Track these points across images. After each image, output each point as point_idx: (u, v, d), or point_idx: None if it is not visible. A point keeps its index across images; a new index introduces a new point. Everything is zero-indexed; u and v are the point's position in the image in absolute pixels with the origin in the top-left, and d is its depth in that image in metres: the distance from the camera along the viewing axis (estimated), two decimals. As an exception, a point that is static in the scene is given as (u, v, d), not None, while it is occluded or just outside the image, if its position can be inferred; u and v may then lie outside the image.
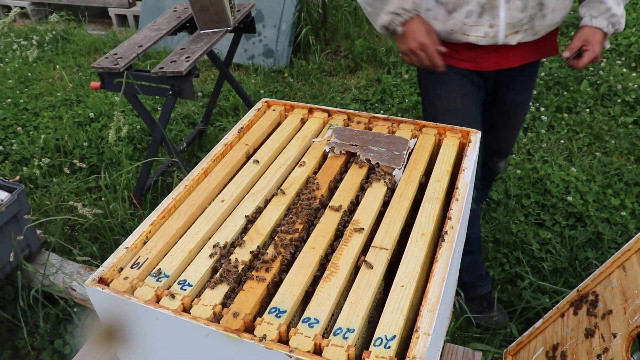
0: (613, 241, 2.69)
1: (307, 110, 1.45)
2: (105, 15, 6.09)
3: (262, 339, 0.85)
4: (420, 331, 0.85)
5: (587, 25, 1.80)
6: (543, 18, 1.79)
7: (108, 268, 1.01)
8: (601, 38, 1.79)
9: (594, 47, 1.79)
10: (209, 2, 2.84)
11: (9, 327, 2.38)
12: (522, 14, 1.76)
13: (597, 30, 1.79)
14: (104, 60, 2.78)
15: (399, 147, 1.26)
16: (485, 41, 1.81)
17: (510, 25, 1.78)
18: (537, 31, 1.82)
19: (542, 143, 3.52)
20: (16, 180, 3.15)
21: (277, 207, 1.13)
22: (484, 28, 1.79)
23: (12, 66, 4.95)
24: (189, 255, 1.03)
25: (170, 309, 0.91)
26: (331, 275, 0.96)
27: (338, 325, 0.87)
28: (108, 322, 1.03)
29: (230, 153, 1.32)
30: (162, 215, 1.12)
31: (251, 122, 1.42)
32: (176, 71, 2.67)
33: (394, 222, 1.07)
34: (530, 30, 1.81)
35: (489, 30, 1.79)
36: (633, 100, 3.81)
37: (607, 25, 1.78)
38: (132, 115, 3.98)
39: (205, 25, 2.95)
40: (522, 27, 1.79)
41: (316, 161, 1.27)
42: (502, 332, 2.34)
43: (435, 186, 1.16)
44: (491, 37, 1.80)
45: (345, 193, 1.16)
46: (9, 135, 3.86)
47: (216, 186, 1.21)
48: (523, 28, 1.80)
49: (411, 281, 0.94)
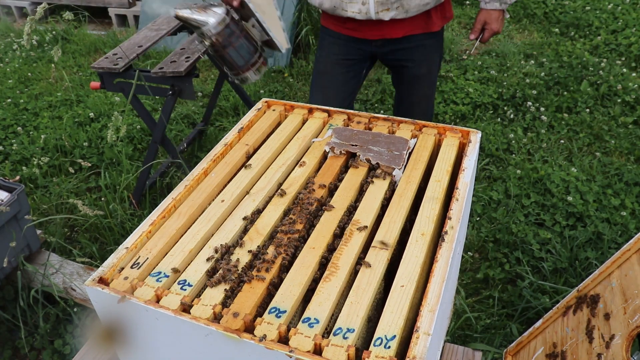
0: (613, 241, 2.69)
1: (307, 110, 1.45)
2: (105, 15, 6.09)
3: (262, 339, 0.85)
4: (420, 331, 0.85)
5: (483, 9, 2.17)
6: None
7: (108, 268, 1.01)
8: (498, 16, 2.14)
9: (492, 25, 2.17)
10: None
11: (9, 327, 2.38)
12: None
13: (492, 12, 2.14)
14: (104, 60, 2.78)
15: (399, 147, 1.25)
16: (361, 16, 2.05)
17: (378, 3, 2.00)
18: (407, 9, 2.03)
19: (542, 143, 3.52)
20: (16, 180, 3.15)
21: (277, 207, 1.13)
22: (357, 5, 2.03)
23: (12, 66, 4.95)
24: (189, 255, 1.03)
25: (170, 309, 0.91)
26: (331, 275, 0.96)
27: (338, 325, 0.87)
28: (108, 322, 1.03)
29: (230, 153, 1.32)
30: (162, 215, 1.12)
31: (251, 122, 1.42)
32: (176, 71, 2.67)
33: (394, 222, 1.07)
34: (401, 8, 2.02)
35: (362, 7, 2.03)
36: (633, 100, 3.81)
37: (499, 4, 2.12)
38: (132, 115, 3.98)
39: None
40: (392, 4, 2.01)
41: (316, 161, 1.27)
42: (502, 332, 2.34)
43: (435, 186, 1.16)
44: (364, 13, 2.04)
45: (345, 193, 1.16)
46: (9, 135, 3.86)
47: (216, 186, 1.21)
48: (394, 6, 2.01)
49: (411, 281, 0.94)
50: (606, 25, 4.80)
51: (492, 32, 2.19)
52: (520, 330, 2.32)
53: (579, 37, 4.76)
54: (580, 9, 5.10)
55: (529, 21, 5.15)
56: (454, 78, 4.28)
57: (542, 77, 4.16)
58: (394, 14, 2.04)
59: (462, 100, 4.01)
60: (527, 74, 4.25)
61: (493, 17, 2.15)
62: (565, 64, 4.30)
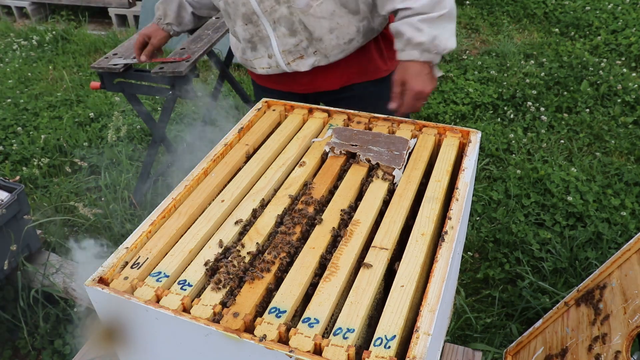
0: (613, 241, 2.69)
1: (307, 110, 1.45)
2: (105, 15, 6.08)
3: (262, 339, 0.85)
4: (420, 331, 0.85)
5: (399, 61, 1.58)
6: (321, 41, 1.65)
7: (108, 268, 1.01)
8: (418, 69, 1.54)
9: (413, 83, 1.54)
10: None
11: (9, 327, 2.38)
12: (294, 39, 1.65)
13: (409, 64, 1.55)
14: (104, 60, 2.78)
15: (399, 147, 1.25)
16: (272, 71, 1.76)
17: (286, 53, 1.68)
18: (326, 53, 1.68)
19: (542, 143, 3.51)
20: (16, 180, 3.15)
21: (277, 207, 1.13)
22: (264, 59, 1.74)
23: (12, 66, 4.95)
24: (189, 255, 1.03)
25: (171, 309, 0.91)
26: (331, 275, 0.96)
27: (338, 325, 0.87)
28: (108, 322, 1.03)
29: (230, 153, 1.32)
30: (162, 215, 1.12)
31: (251, 122, 1.42)
32: (176, 71, 2.67)
33: (394, 222, 1.07)
34: (318, 53, 1.68)
35: (270, 61, 1.73)
36: (633, 100, 3.81)
37: (420, 54, 1.53)
38: (132, 115, 3.98)
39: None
40: (305, 50, 1.67)
41: (316, 161, 1.27)
42: (502, 332, 2.34)
43: (435, 186, 1.16)
44: (275, 66, 1.73)
45: (345, 193, 1.16)
46: (9, 135, 3.86)
47: (216, 186, 1.21)
48: (308, 52, 1.67)
49: (411, 281, 0.94)
50: (606, 25, 4.80)
51: (415, 93, 1.54)
52: (520, 330, 2.32)
53: (579, 37, 4.76)
54: (580, 9, 5.09)
55: (529, 21, 5.15)
56: (454, 78, 4.28)
57: (542, 77, 4.16)
58: (313, 61, 1.69)
59: (462, 100, 4.01)
60: (527, 74, 4.25)
61: (412, 72, 1.54)
62: (565, 64, 4.29)
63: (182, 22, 2.04)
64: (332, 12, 1.60)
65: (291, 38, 1.65)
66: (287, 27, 1.62)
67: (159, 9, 2.02)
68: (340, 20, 1.63)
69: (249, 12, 1.63)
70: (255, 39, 1.70)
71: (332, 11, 1.60)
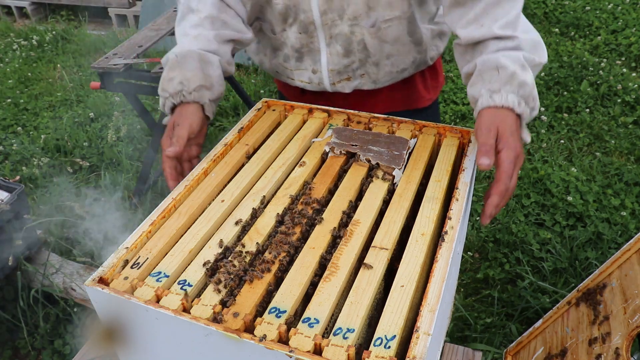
0: (613, 241, 2.69)
1: (307, 110, 1.45)
2: (105, 15, 6.08)
3: (262, 339, 0.85)
4: (420, 331, 0.85)
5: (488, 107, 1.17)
6: (375, 66, 1.51)
7: (108, 268, 1.01)
8: (514, 122, 1.15)
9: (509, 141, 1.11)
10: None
11: (9, 327, 2.38)
12: (347, 59, 1.50)
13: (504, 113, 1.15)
14: (103, 60, 2.78)
15: (399, 147, 1.26)
16: (312, 87, 1.57)
17: (334, 72, 1.52)
18: (375, 79, 1.53)
19: (542, 143, 3.52)
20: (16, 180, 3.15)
21: (277, 207, 1.13)
22: (307, 73, 1.56)
23: (12, 66, 4.95)
24: (189, 255, 1.03)
25: (170, 309, 0.91)
26: (331, 275, 0.96)
27: (338, 325, 0.87)
28: (108, 322, 1.03)
29: (230, 153, 1.32)
30: (162, 215, 1.12)
31: (251, 122, 1.42)
32: (176, 71, 2.66)
33: (394, 222, 1.07)
34: (367, 77, 1.53)
35: (313, 76, 1.55)
36: (633, 100, 3.81)
37: (517, 102, 1.15)
38: (132, 115, 3.98)
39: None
40: (354, 72, 1.52)
41: (316, 161, 1.27)
42: (502, 332, 2.34)
43: (435, 186, 1.16)
44: (317, 83, 1.55)
45: (345, 193, 1.16)
46: (9, 135, 3.86)
47: (216, 186, 1.21)
48: (356, 74, 1.53)
49: (411, 281, 0.94)
50: (606, 25, 4.80)
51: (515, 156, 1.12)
52: (520, 330, 2.32)
53: (579, 37, 4.77)
54: (580, 9, 5.10)
55: (529, 21, 5.15)
56: (454, 78, 4.28)
57: (542, 77, 4.16)
58: (358, 83, 1.55)
59: (462, 100, 4.01)
60: (527, 74, 4.25)
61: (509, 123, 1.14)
62: (565, 64, 4.30)
63: (212, 83, 1.38)
64: (397, 38, 1.46)
65: (344, 58, 1.50)
66: (343, 46, 1.47)
67: (172, 78, 1.34)
68: (402, 48, 1.49)
69: (307, 22, 1.45)
70: (305, 49, 1.52)
71: (397, 37, 1.46)
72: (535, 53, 1.21)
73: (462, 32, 1.25)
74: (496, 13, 1.20)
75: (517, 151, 1.12)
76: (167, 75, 1.35)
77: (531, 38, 1.22)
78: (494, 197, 1.11)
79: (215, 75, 1.37)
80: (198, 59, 1.34)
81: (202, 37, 1.38)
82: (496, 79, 1.16)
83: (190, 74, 1.33)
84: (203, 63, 1.35)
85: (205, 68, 1.35)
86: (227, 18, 1.42)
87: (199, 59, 1.34)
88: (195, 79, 1.33)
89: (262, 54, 1.65)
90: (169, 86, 1.34)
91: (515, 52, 1.18)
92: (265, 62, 1.65)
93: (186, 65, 1.33)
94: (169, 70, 1.35)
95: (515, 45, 1.19)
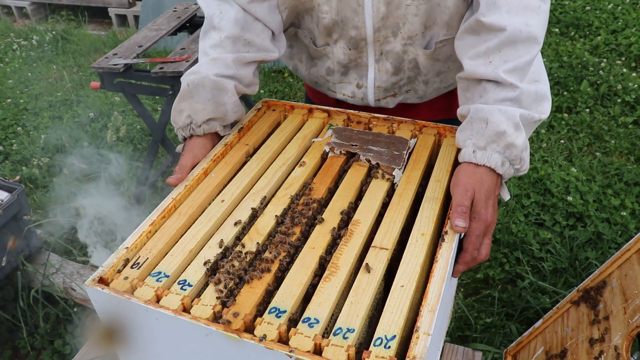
0: (613, 241, 2.69)
1: (307, 110, 1.45)
2: (105, 15, 6.08)
3: (262, 339, 0.85)
4: (420, 331, 0.85)
5: (468, 163, 1.14)
6: (425, 84, 1.44)
7: (108, 268, 1.01)
8: (492, 185, 1.12)
9: (481, 212, 1.09)
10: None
11: (9, 327, 2.38)
12: (395, 77, 1.43)
13: (485, 173, 1.11)
14: (103, 60, 2.78)
15: (399, 147, 1.26)
16: (354, 101, 1.50)
17: (381, 89, 1.45)
18: (422, 95, 1.48)
19: (542, 143, 3.52)
20: (16, 180, 3.15)
21: (277, 207, 1.13)
22: (351, 87, 1.48)
23: (12, 66, 4.95)
24: (189, 255, 1.03)
25: (171, 309, 0.91)
26: (331, 275, 0.96)
27: (338, 325, 0.87)
28: (108, 322, 1.03)
29: (230, 153, 1.32)
30: (162, 215, 1.12)
31: (251, 122, 1.42)
32: (176, 71, 2.67)
33: (394, 222, 1.07)
34: (413, 92, 1.47)
35: (357, 91, 1.47)
36: (633, 100, 3.81)
37: (501, 162, 1.12)
38: (132, 115, 3.98)
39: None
40: (401, 89, 1.46)
41: (316, 161, 1.27)
42: (502, 332, 2.34)
43: (435, 186, 1.16)
44: (360, 98, 1.48)
45: (345, 193, 1.16)
46: (9, 135, 3.86)
47: (216, 186, 1.21)
48: (402, 90, 1.47)
49: (411, 281, 0.94)
50: (606, 25, 4.80)
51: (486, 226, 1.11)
52: (520, 330, 2.32)
53: (579, 37, 4.77)
54: (580, 9, 5.10)
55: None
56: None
57: (542, 77, 4.16)
58: (402, 98, 1.49)
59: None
60: (527, 74, 4.25)
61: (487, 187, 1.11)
62: (565, 64, 4.30)
63: (226, 111, 1.33)
64: (449, 56, 1.38)
65: (393, 76, 1.42)
66: (392, 64, 1.40)
67: (182, 111, 1.31)
68: (452, 65, 1.41)
69: (358, 38, 1.35)
70: (352, 64, 1.44)
71: (450, 55, 1.38)
72: (536, 108, 1.15)
73: (468, 63, 1.18)
74: (508, 53, 1.13)
75: (488, 222, 1.10)
76: (177, 106, 1.31)
77: (536, 90, 1.14)
78: (459, 265, 1.13)
79: (229, 102, 1.32)
80: (211, 88, 1.29)
81: (219, 61, 1.31)
82: (484, 133, 1.11)
83: (200, 106, 1.28)
84: (216, 91, 1.29)
85: (218, 96, 1.30)
86: (251, 37, 1.33)
87: (212, 87, 1.29)
88: (204, 112, 1.29)
89: (297, 59, 1.56)
90: (178, 119, 1.32)
91: (512, 108, 1.11)
92: (302, 70, 1.56)
93: (197, 95, 1.28)
94: (180, 101, 1.30)
95: (516, 96, 1.12)
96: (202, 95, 1.28)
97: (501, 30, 1.12)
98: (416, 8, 1.27)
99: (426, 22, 1.31)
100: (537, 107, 1.14)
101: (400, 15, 1.28)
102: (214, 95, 1.29)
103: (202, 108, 1.28)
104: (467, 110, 1.18)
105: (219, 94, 1.30)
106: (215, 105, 1.29)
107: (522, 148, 1.12)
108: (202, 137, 1.32)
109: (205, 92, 1.28)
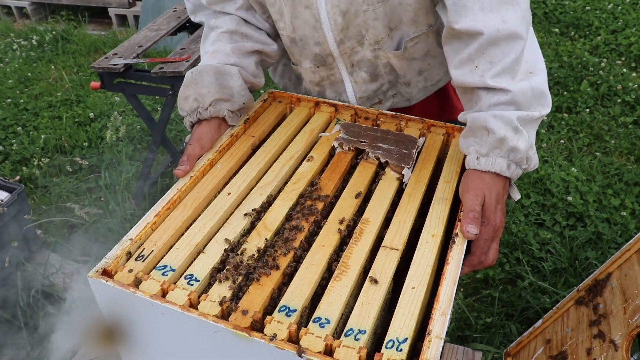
0: (613, 241, 2.69)
1: (314, 104, 1.43)
2: (105, 15, 6.07)
3: (273, 338, 0.83)
4: (432, 334, 0.84)
5: (474, 170, 1.13)
6: (407, 85, 1.42)
7: (112, 259, 0.98)
8: (501, 189, 1.12)
9: (490, 216, 1.10)
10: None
11: (9, 327, 2.37)
12: (375, 84, 1.41)
13: (492, 178, 1.11)
14: (104, 60, 2.77)
15: (408, 146, 1.24)
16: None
17: (364, 99, 1.43)
18: (409, 97, 1.46)
19: (542, 143, 3.52)
20: (16, 180, 3.14)
21: (286, 203, 1.11)
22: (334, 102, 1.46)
23: (12, 66, 4.94)
24: (195, 249, 1.01)
25: (178, 304, 0.89)
26: (341, 275, 0.94)
27: (349, 326, 0.85)
28: (110, 317, 1.01)
29: (236, 144, 1.29)
30: (167, 207, 1.09)
31: (257, 114, 1.40)
32: (176, 71, 2.66)
33: (403, 222, 1.06)
34: (399, 96, 1.45)
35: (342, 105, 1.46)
36: (633, 100, 3.82)
37: (507, 165, 1.11)
38: (132, 115, 3.97)
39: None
40: (385, 94, 1.44)
41: (324, 156, 1.25)
42: (502, 332, 2.34)
43: (444, 187, 1.15)
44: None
45: (354, 190, 1.15)
46: (9, 135, 3.85)
47: (222, 178, 1.18)
48: (387, 95, 1.44)
49: (422, 283, 0.93)
50: (606, 25, 4.80)
51: (496, 230, 1.11)
52: (520, 330, 2.32)
53: (579, 37, 4.77)
54: (580, 9, 5.10)
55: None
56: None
57: (541, 77, 4.17)
58: (391, 104, 1.47)
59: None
60: (526, 74, 4.25)
61: (496, 192, 1.11)
62: (565, 64, 4.30)
63: (232, 94, 1.33)
64: (426, 52, 1.36)
65: (372, 84, 1.40)
66: (368, 72, 1.37)
67: (187, 97, 1.31)
68: (433, 61, 1.39)
69: (323, 54, 1.34)
70: (326, 82, 1.42)
71: (426, 51, 1.35)
72: (535, 106, 1.11)
73: (454, 72, 1.15)
74: (493, 54, 1.08)
75: (497, 226, 1.10)
76: (182, 93, 1.32)
77: (531, 87, 1.10)
78: (466, 268, 1.12)
79: (235, 85, 1.32)
80: (214, 72, 1.30)
81: (219, 52, 1.34)
82: (485, 140, 1.11)
83: (205, 89, 1.29)
84: (219, 75, 1.31)
85: (222, 80, 1.30)
86: (248, 31, 1.37)
87: (214, 72, 1.30)
88: (210, 94, 1.29)
89: (286, 78, 1.58)
90: (185, 105, 1.32)
91: (508, 112, 1.08)
92: (290, 89, 1.59)
93: (201, 81, 1.29)
94: (185, 88, 1.31)
95: (509, 100, 1.09)
96: (206, 80, 1.29)
97: (478, 34, 1.08)
98: (374, 12, 1.24)
99: (389, 23, 1.28)
100: (535, 105, 1.11)
101: (360, 22, 1.26)
102: (217, 79, 1.30)
103: (207, 91, 1.29)
104: (465, 118, 1.17)
105: (222, 77, 1.31)
106: (220, 87, 1.30)
107: (526, 149, 1.10)
108: (210, 124, 1.31)
109: (209, 77, 1.30)
